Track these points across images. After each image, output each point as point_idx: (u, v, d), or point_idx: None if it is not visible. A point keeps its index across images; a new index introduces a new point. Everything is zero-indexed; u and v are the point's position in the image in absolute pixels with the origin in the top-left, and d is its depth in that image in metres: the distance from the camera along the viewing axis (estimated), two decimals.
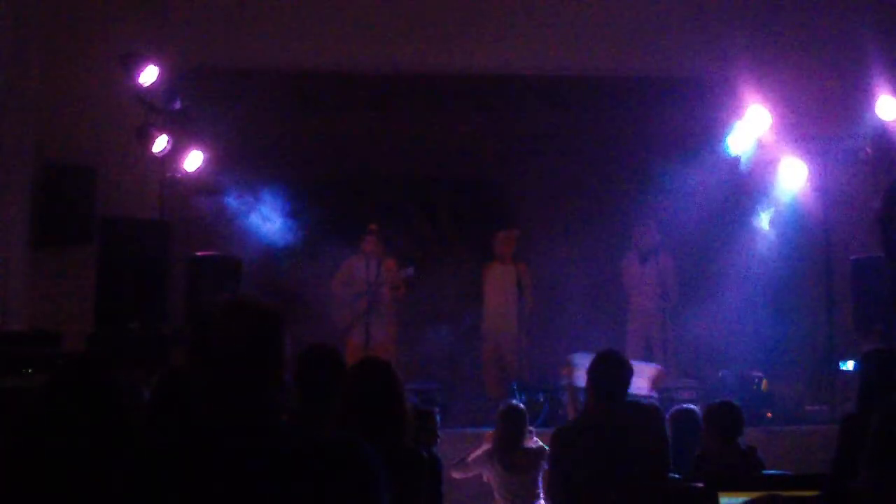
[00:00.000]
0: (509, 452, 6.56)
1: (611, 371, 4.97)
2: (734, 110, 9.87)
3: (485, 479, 6.73)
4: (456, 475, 6.71)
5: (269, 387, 2.20)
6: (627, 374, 5.00)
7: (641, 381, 6.80)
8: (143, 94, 9.27)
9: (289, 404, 3.58)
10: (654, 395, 7.74)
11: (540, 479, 6.47)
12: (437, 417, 6.18)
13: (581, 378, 6.97)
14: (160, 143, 9.49)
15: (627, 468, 4.72)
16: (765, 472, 5.25)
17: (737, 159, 9.89)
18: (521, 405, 6.88)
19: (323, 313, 9.68)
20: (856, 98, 9.33)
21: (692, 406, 6.14)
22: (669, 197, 10.09)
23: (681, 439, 5.37)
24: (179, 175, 9.80)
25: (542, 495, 6.44)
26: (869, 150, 9.28)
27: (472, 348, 10.21)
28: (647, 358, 9.29)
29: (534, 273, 10.10)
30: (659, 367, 8.43)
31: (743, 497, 2.72)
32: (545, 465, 6.12)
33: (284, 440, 2.16)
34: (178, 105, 9.51)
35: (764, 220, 9.99)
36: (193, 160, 9.85)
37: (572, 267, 10.85)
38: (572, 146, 11.06)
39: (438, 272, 10.43)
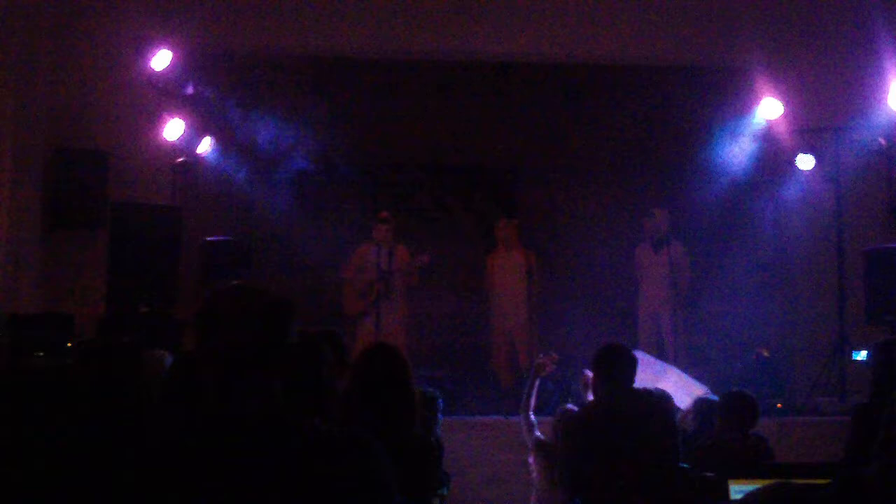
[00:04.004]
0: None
1: (617, 361, 5.00)
2: (748, 100, 9.84)
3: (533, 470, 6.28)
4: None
5: (275, 378, 2.19)
6: (633, 363, 5.03)
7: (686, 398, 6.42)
8: (155, 79, 9.28)
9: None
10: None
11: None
12: (440, 402, 6.10)
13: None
14: (173, 128, 9.50)
15: (637, 456, 4.73)
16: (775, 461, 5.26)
17: (751, 147, 9.87)
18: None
19: (333, 299, 9.68)
20: (869, 89, 9.29)
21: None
22: (682, 185, 10.07)
23: None
24: (191, 160, 9.81)
25: None
26: (882, 140, 9.24)
27: (482, 335, 10.19)
28: (659, 346, 9.26)
29: (544, 261, 10.06)
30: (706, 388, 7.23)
31: (753, 485, 2.71)
32: None
33: (289, 432, 2.15)
34: (190, 90, 9.52)
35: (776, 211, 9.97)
36: (205, 145, 9.87)
37: (583, 254, 10.84)
38: (584, 133, 11.05)
39: (448, 258, 10.42)
